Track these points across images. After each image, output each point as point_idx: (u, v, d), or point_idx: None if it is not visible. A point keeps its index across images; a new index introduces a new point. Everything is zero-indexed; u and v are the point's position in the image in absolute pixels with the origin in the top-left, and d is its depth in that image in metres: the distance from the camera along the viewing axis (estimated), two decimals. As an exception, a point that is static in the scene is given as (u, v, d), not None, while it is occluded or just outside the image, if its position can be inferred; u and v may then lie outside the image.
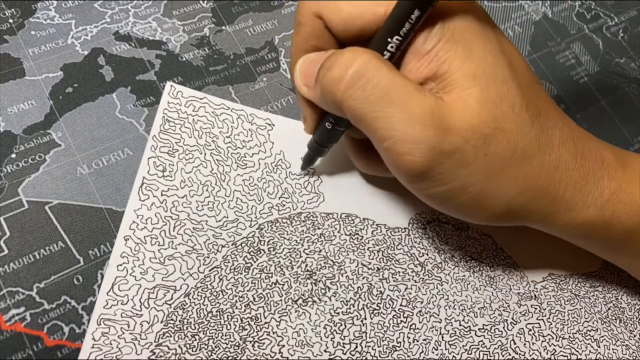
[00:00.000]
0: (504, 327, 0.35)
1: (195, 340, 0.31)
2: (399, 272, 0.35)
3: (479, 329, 0.35)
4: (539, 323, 0.36)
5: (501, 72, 0.27)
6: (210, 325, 0.32)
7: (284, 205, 0.35)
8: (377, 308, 0.34)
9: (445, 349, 0.34)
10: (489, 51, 0.27)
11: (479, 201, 0.28)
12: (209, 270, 0.33)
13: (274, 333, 0.32)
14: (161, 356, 0.31)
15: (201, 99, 0.36)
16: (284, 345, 0.32)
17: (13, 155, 0.33)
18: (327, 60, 0.28)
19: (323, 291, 0.34)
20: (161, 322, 0.31)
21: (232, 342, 0.32)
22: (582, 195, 0.30)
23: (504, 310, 0.36)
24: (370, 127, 0.27)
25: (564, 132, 0.30)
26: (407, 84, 0.26)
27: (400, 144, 0.26)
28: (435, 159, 0.26)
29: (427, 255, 0.36)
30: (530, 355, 0.35)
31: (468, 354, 0.34)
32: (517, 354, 0.35)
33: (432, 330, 0.34)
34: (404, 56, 0.28)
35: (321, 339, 0.33)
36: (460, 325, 0.35)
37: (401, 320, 0.34)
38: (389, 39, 0.27)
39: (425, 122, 0.26)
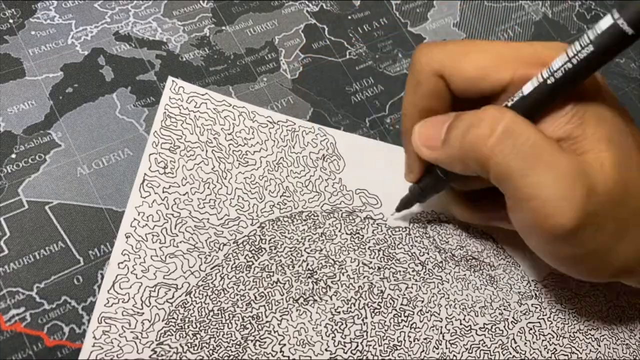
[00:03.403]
0: (504, 326, 0.35)
1: (197, 339, 0.31)
2: (399, 271, 0.35)
3: (479, 328, 0.35)
4: (539, 322, 0.36)
5: (626, 139, 0.28)
6: (211, 324, 0.32)
7: (285, 203, 0.35)
8: (378, 307, 0.34)
9: (446, 348, 0.34)
10: (617, 119, 0.28)
11: (601, 263, 0.29)
12: (211, 269, 0.33)
13: (275, 332, 0.32)
14: (162, 355, 0.30)
15: (203, 94, 0.36)
16: (285, 344, 0.32)
17: (13, 156, 0.33)
18: (465, 119, 0.28)
19: (324, 290, 0.34)
20: (162, 320, 0.31)
21: (233, 341, 0.32)
22: None
23: (504, 309, 0.36)
24: (516, 184, 0.27)
25: None
26: (552, 141, 0.27)
27: (548, 203, 0.26)
28: (582, 221, 0.26)
29: (428, 254, 0.36)
30: (530, 354, 0.35)
31: (469, 353, 0.34)
32: (517, 353, 0.35)
33: (433, 330, 0.34)
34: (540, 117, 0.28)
35: (322, 338, 0.33)
36: (461, 324, 0.35)
37: (402, 320, 0.34)
38: (534, 109, 0.28)
39: (573, 181, 0.26)
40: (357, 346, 0.33)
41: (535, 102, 0.27)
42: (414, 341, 0.34)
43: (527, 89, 0.28)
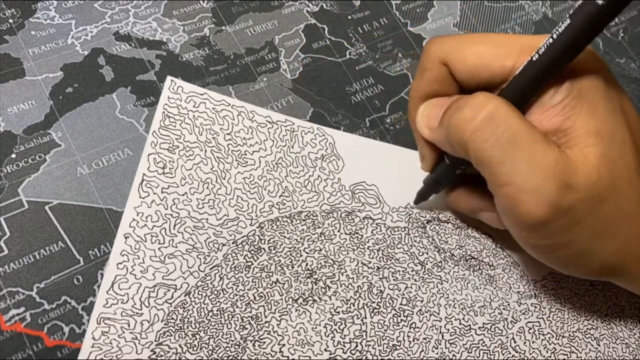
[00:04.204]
0: (504, 326, 0.35)
1: (196, 339, 0.31)
2: (399, 271, 0.35)
3: (479, 327, 0.35)
4: (539, 321, 0.36)
5: (620, 132, 0.28)
6: (210, 325, 0.32)
7: (285, 203, 0.35)
8: (377, 307, 0.34)
9: (446, 348, 0.34)
10: (611, 110, 0.28)
11: (579, 257, 0.29)
12: (210, 269, 0.33)
13: (274, 332, 0.32)
14: (162, 355, 0.31)
15: (202, 94, 0.36)
16: (284, 345, 0.32)
17: (13, 155, 0.33)
18: (457, 102, 0.29)
19: (323, 290, 0.34)
20: (162, 321, 0.31)
21: (232, 341, 0.32)
22: None
23: (504, 308, 0.36)
24: (493, 170, 0.27)
25: None
26: (535, 132, 0.27)
27: (521, 192, 0.27)
28: (552, 215, 0.27)
29: (427, 254, 0.36)
30: (530, 354, 0.35)
31: (468, 352, 0.34)
32: (517, 352, 0.35)
33: (432, 329, 0.34)
34: (529, 107, 0.29)
35: (321, 338, 0.33)
36: (460, 324, 0.35)
37: (401, 319, 0.34)
38: (523, 91, 0.28)
39: (548, 174, 0.26)
40: (357, 346, 0.33)
41: (525, 83, 0.28)
42: (414, 341, 0.34)
43: (518, 70, 0.28)
